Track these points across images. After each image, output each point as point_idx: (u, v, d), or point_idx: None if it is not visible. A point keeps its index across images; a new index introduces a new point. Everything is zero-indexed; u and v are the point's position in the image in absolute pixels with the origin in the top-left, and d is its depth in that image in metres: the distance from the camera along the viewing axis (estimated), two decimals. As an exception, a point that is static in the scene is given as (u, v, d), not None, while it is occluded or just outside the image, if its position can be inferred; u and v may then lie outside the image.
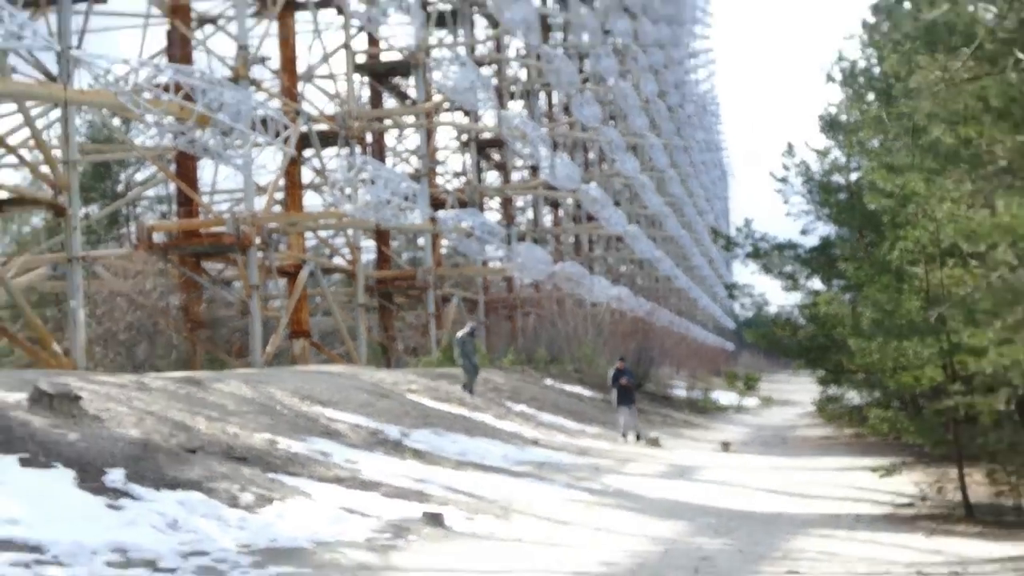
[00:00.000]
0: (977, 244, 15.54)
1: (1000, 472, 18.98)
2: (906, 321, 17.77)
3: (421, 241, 43.50)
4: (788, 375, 79.05)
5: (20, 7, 21.03)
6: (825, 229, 34.39)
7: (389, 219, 35.05)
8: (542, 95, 59.65)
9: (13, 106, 26.54)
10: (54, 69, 24.40)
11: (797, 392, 64.94)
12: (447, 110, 46.32)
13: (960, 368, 16.55)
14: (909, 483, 20.18)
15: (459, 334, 32.78)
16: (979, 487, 18.58)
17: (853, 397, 32.82)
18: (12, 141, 28.06)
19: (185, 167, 32.81)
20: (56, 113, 25.25)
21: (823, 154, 34.44)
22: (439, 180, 48.64)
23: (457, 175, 53.06)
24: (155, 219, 37.88)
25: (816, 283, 34.62)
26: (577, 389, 41.42)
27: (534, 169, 53.45)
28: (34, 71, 25.39)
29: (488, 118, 48.44)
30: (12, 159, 28.52)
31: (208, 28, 36.41)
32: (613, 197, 69.06)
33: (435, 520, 13.25)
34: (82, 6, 25.66)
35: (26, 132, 26.87)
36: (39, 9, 23.72)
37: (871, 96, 29.21)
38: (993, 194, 15.69)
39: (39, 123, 26.37)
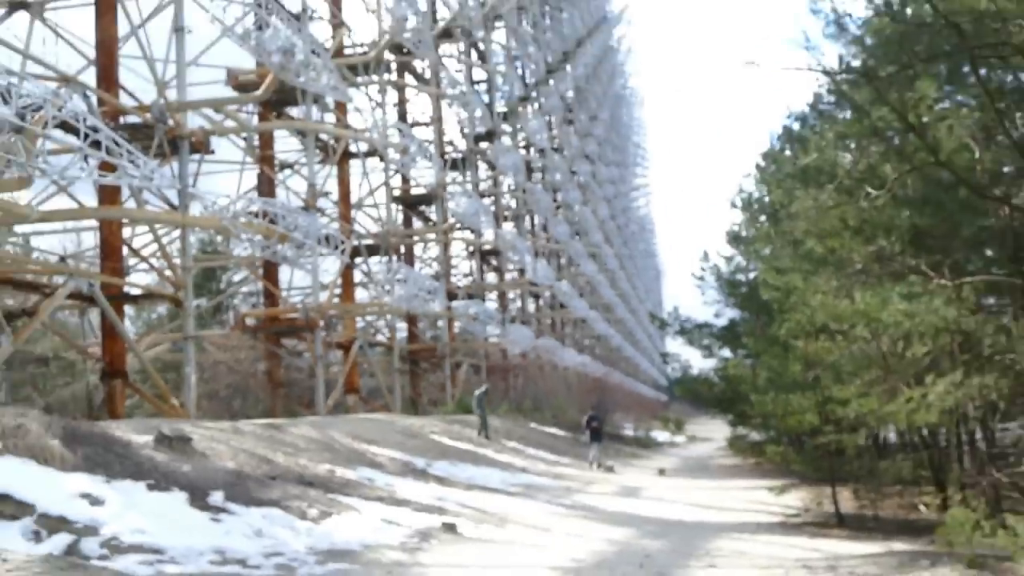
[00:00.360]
0: (841, 324, 15.61)
1: (862, 490, 18.93)
2: (791, 380, 17.77)
3: (440, 323, 43.41)
4: (707, 419, 78.57)
5: (152, 157, 21.15)
6: (731, 313, 34.57)
7: (417, 307, 35.05)
8: (527, 218, 59.90)
9: (146, 227, 26.65)
10: (175, 200, 24.54)
11: (714, 432, 64.59)
12: (459, 229, 46.47)
13: (831, 414, 16.52)
14: (796, 499, 20.07)
15: (476, 392, 32.76)
16: (847, 502, 18.51)
17: (754, 435, 32.70)
18: (144, 252, 28.13)
19: (269, 271, 32.90)
20: (176, 233, 25.31)
21: (729, 260, 34.74)
22: (453, 279, 48.61)
23: (466, 275, 53.07)
24: (247, 308, 37.76)
25: (726, 352, 34.66)
26: (553, 430, 41.26)
27: (521, 271, 53.63)
28: (161, 202, 25.50)
29: (488, 235, 48.65)
30: (144, 266, 28.53)
31: (287, 171, 36.69)
32: (578, 291, 69.21)
33: (451, 528, 13.13)
34: (195, 156, 25.80)
35: (155, 246, 26.96)
36: (166, 159, 23.86)
37: (763, 218, 29.44)
38: (852, 288, 15.77)
39: (164, 239, 26.40)
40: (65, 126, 16.78)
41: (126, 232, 25.93)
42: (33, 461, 10.46)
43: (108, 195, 22.98)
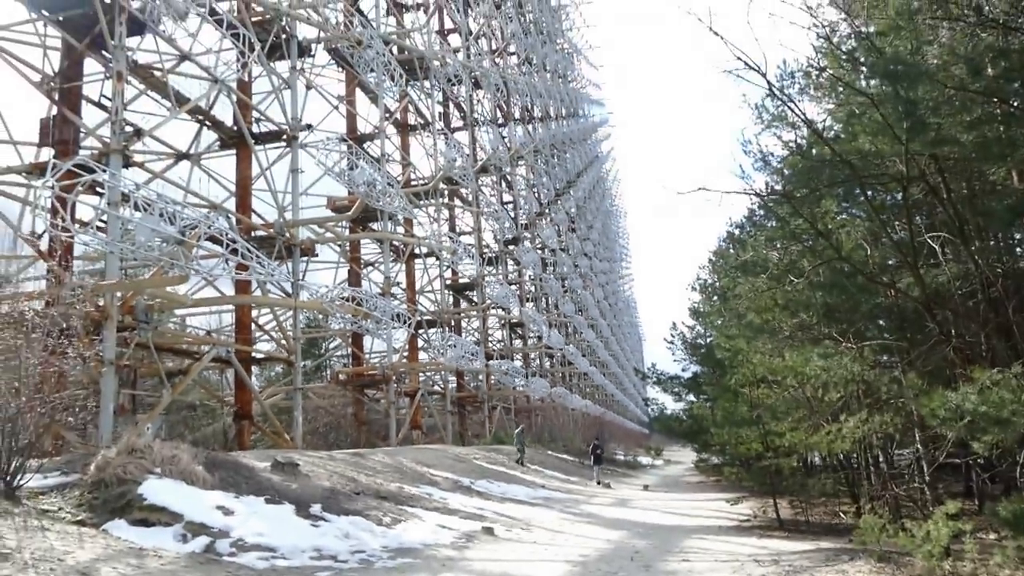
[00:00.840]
0: (776, 376, 15.42)
1: (796, 501, 18.46)
2: (740, 418, 17.49)
3: (480, 377, 43.19)
4: (679, 447, 77.16)
5: (273, 259, 21.44)
6: (694, 368, 34.24)
7: (463, 365, 34.96)
8: (543, 299, 59.93)
9: (268, 310, 26.88)
10: (289, 290, 24.78)
11: (684, 457, 63.49)
12: (494, 308, 46.51)
13: (771, 443, 16.21)
14: (747, 508, 19.57)
15: (516, 431, 32.76)
16: (785, 510, 18.04)
17: (714, 459, 32.12)
18: (267, 327, 28.31)
19: (356, 340, 33.00)
20: (290, 313, 25.50)
21: (691, 328, 34.55)
22: (489, 344, 48.46)
23: (499, 341, 52.93)
24: (340, 367, 37.76)
25: (691, 397, 34.24)
26: (565, 456, 40.67)
27: (539, 338, 53.50)
28: (279, 291, 25.74)
29: (515, 312, 48.71)
30: (266, 337, 28.69)
31: (369, 268, 37.02)
32: (581, 352, 68.86)
33: (489, 531, 12.91)
34: (304, 258, 26.08)
35: (274, 323, 27.17)
36: (283, 260, 24.18)
37: (715, 298, 29.36)
38: (783, 350, 15.62)
39: (281, 318, 26.59)
40: (213, 239, 17.11)
41: (254, 313, 26.17)
42: (183, 482, 10.45)
43: (242, 287, 23.28)
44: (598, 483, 30.26)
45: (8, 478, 9.20)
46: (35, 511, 9.01)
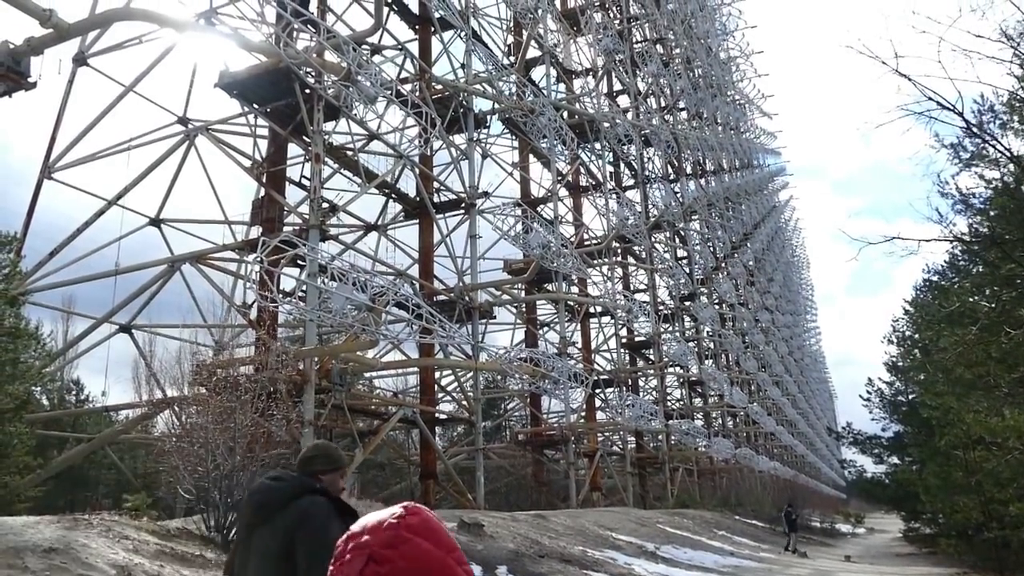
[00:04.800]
0: (995, 437, 13.92)
1: (1029, 580, 16.38)
2: (954, 484, 15.85)
3: (660, 437, 42.07)
4: (881, 513, 70.73)
5: (454, 323, 22.25)
6: (896, 427, 31.67)
7: (642, 425, 34.29)
8: (723, 356, 57.88)
9: (450, 371, 27.82)
10: (470, 352, 25.54)
11: (888, 525, 58.06)
12: (671, 366, 45.42)
13: (994, 513, 14.53)
14: (968, 585, 17.55)
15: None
16: (1015, 590, 15.97)
17: (926, 529, 29.20)
18: (449, 388, 29.28)
19: (534, 400, 33.26)
20: (470, 374, 26.22)
21: (890, 384, 32.11)
22: (668, 403, 47.18)
23: (678, 400, 51.45)
24: (519, 428, 38.19)
25: (894, 459, 31.61)
26: (753, 521, 38.43)
27: (721, 396, 51.57)
28: (460, 353, 26.59)
29: (694, 369, 47.35)
30: (448, 398, 29.65)
31: (545, 329, 37.50)
32: (767, 411, 65.55)
33: (676, 600, 12.37)
34: (483, 321, 26.86)
35: (456, 384, 28.07)
36: (463, 323, 25.04)
37: (915, 351, 27.13)
38: (1002, 408, 14.13)
39: (462, 379, 27.46)
40: (399, 305, 18.08)
41: (437, 375, 27.17)
42: (376, 539, 10.85)
43: (425, 350, 24.29)
44: (793, 551, 28.32)
45: (225, 531, 10.01)
46: (247, 562, 9.69)
